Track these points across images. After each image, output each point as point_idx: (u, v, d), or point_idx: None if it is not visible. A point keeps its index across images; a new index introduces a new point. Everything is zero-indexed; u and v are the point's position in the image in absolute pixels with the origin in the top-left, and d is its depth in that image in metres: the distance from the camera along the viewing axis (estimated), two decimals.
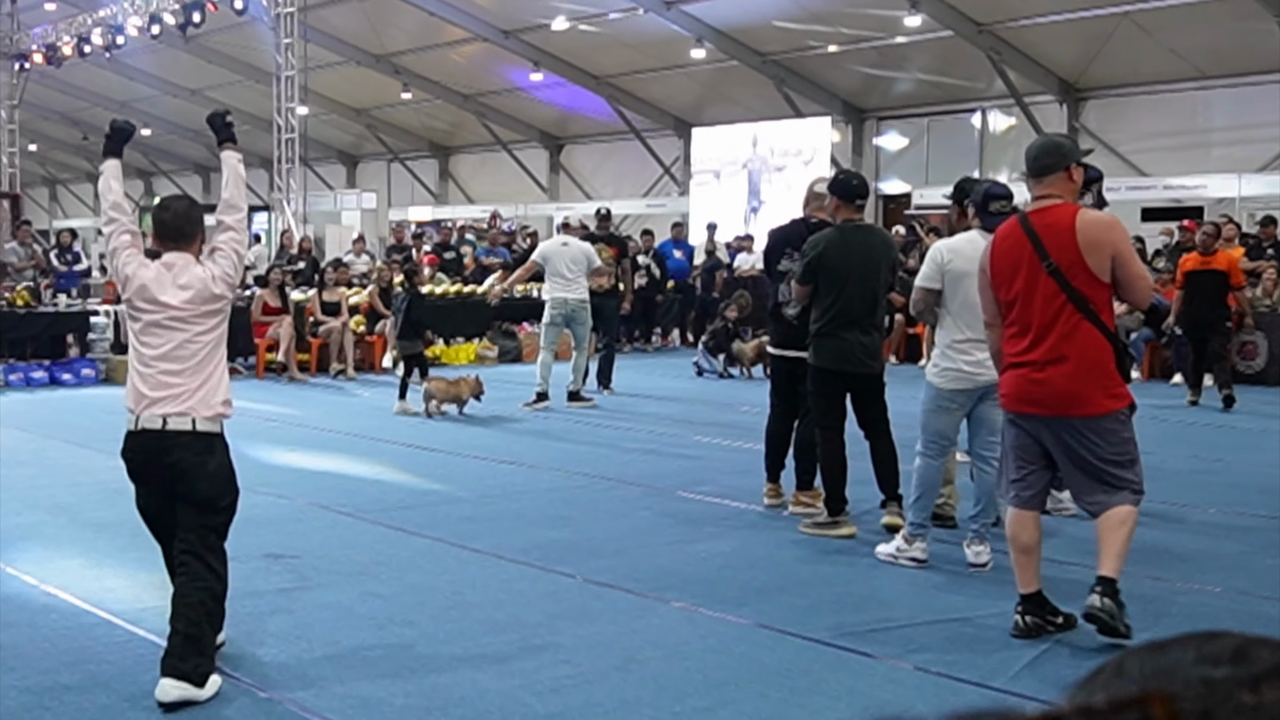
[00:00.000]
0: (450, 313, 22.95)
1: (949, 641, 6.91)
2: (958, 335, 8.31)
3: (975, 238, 8.23)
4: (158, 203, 6.81)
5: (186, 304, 6.22)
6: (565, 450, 13.07)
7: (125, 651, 6.59)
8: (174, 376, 6.19)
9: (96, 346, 19.38)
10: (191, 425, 6.18)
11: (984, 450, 8.45)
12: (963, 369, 8.29)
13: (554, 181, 40.36)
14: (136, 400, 6.21)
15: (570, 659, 6.55)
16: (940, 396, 8.41)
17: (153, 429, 6.16)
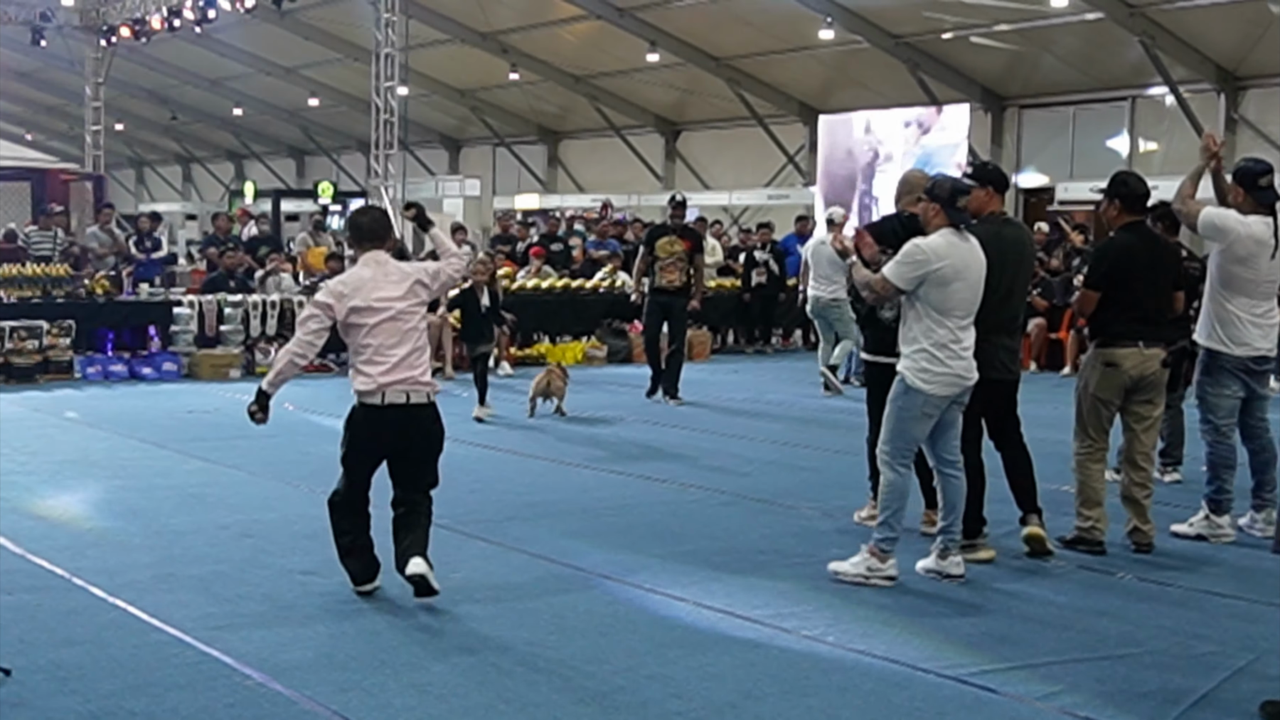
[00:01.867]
0: (556, 309, 22.86)
1: (1097, 682, 6.68)
2: (947, 339, 8.32)
3: (952, 238, 8.34)
4: (355, 209, 8.76)
5: (402, 298, 7.91)
6: (678, 460, 12.87)
7: (196, 674, 6.49)
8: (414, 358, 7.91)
9: (179, 339, 19.46)
10: (427, 398, 7.93)
11: (949, 455, 8.60)
12: (956, 374, 8.34)
13: (669, 169, 40.18)
14: (380, 381, 7.78)
15: (681, 693, 6.38)
16: (929, 403, 8.38)
17: (398, 403, 7.81)
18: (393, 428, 7.86)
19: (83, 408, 15.94)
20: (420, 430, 7.93)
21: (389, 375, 7.77)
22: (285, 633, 7.19)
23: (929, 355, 8.31)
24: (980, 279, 8.44)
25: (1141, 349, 9.25)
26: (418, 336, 7.93)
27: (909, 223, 9.19)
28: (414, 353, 7.87)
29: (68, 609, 7.56)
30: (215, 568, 8.57)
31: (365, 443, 7.95)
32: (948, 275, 8.25)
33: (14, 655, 6.59)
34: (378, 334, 7.81)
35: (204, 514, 10.12)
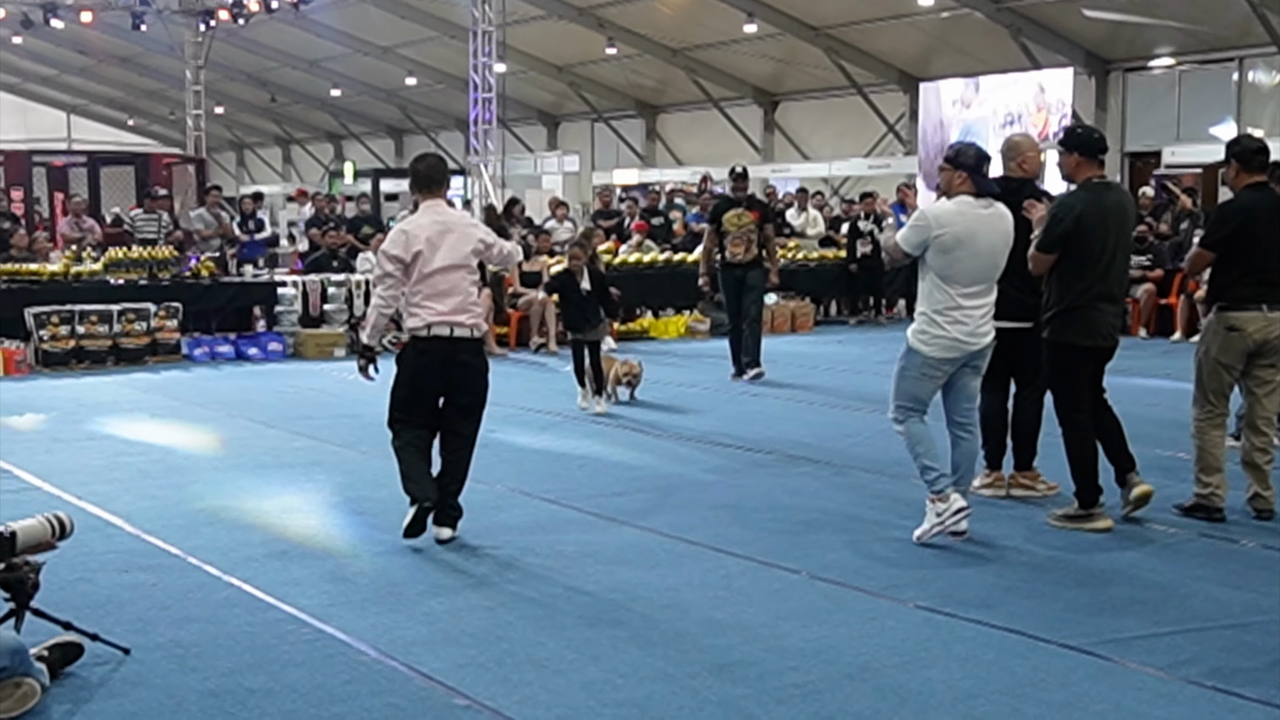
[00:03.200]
0: (659, 283, 22.81)
1: (1223, 651, 6.56)
2: (947, 304, 8.48)
3: (963, 207, 8.49)
4: (415, 157, 9.07)
5: (456, 249, 8.62)
6: (785, 432, 12.80)
7: (313, 651, 6.52)
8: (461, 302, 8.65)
9: (284, 319, 19.63)
10: (470, 334, 8.68)
11: (961, 418, 8.80)
12: (955, 337, 8.48)
13: (768, 141, 40.02)
14: (428, 319, 8.56)
15: (798, 665, 6.33)
16: (927, 364, 8.56)
17: (443, 335, 8.57)
18: (437, 358, 8.63)
19: (191, 389, 16.10)
20: (461, 361, 8.65)
21: (436, 315, 8.55)
22: (400, 609, 7.20)
23: (928, 318, 8.55)
24: (995, 248, 8.51)
25: (1265, 312, 9.11)
26: (469, 284, 8.67)
27: (1005, 186, 9.19)
28: (462, 298, 8.62)
29: (184, 587, 7.63)
30: (327, 545, 8.62)
31: (414, 374, 8.77)
32: (948, 243, 8.40)
33: (133, 634, 6.65)
34: (432, 280, 8.55)
35: (314, 492, 10.18)
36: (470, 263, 8.70)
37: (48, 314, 17.69)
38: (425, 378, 8.74)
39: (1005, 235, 8.59)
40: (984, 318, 8.55)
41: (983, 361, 8.68)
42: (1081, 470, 9.03)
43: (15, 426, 13.16)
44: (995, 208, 8.59)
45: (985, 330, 8.55)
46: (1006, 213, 8.67)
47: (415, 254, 8.54)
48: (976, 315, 8.50)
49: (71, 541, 6.52)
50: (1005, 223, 8.61)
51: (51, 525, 6.28)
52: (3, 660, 5.64)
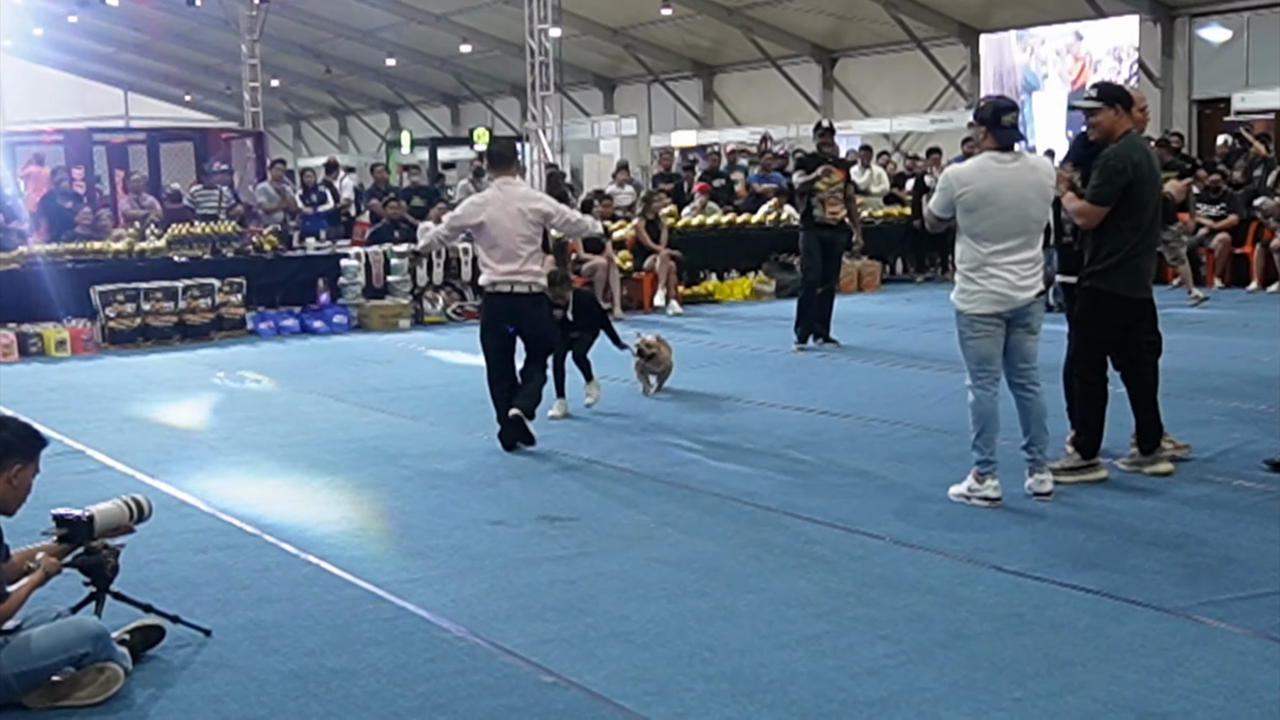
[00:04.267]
0: (722, 245, 22.67)
1: None
2: (980, 260, 8.42)
3: (986, 162, 8.42)
4: (490, 139, 10.41)
5: (518, 217, 10.36)
6: (859, 394, 12.70)
7: (393, 629, 6.46)
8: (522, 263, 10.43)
9: (348, 291, 19.58)
10: (529, 289, 10.47)
11: (1019, 378, 8.61)
12: (992, 290, 8.39)
13: (827, 99, 39.69)
14: (494, 277, 10.43)
15: (888, 634, 6.23)
16: (973, 323, 8.50)
17: (504, 291, 10.40)
18: (503, 308, 10.55)
19: (258, 363, 16.09)
20: (523, 310, 10.53)
21: (501, 274, 10.41)
22: (480, 584, 7.14)
23: (964, 276, 8.55)
24: (1024, 201, 8.35)
25: None
26: (531, 247, 10.41)
27: (1083, 138, 9.20)
28: (524, 259, 10.39)
29: (261, 566, 7.59)
30: (403, 521, 8.56)
31: (487, 321, 10.81)
32: (971, 200, 8.36)
33: (212, 615, 6.61)
34: (497, 243, 10.35)
35: (388, 466, 10.12)
36: (528, 230, 10.36)
37: (113, 292, 17.71)
38: (494, 322, 10.69)
39: (1037, 187, 8.40)
40: (1026, 273, 8.38)
41: (1033, 319, 8.50)
42: (1094, 420, 8.99)
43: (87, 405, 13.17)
44: (1023, 160, 8.47)
45: (1028, 285, 8.39)
46: (1040, 164, 8.57)
47: (479, 222, 10.43)
48: (1014, 270, 8.35)
49: (148, 522, 6.48)
50: (1037, 174, 8.45)
51: (129, 508, 6.24)
52: (85, 646, 5.60)
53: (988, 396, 8.51)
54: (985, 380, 8.52)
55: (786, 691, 5.57)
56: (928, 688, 5.58)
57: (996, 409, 8.53)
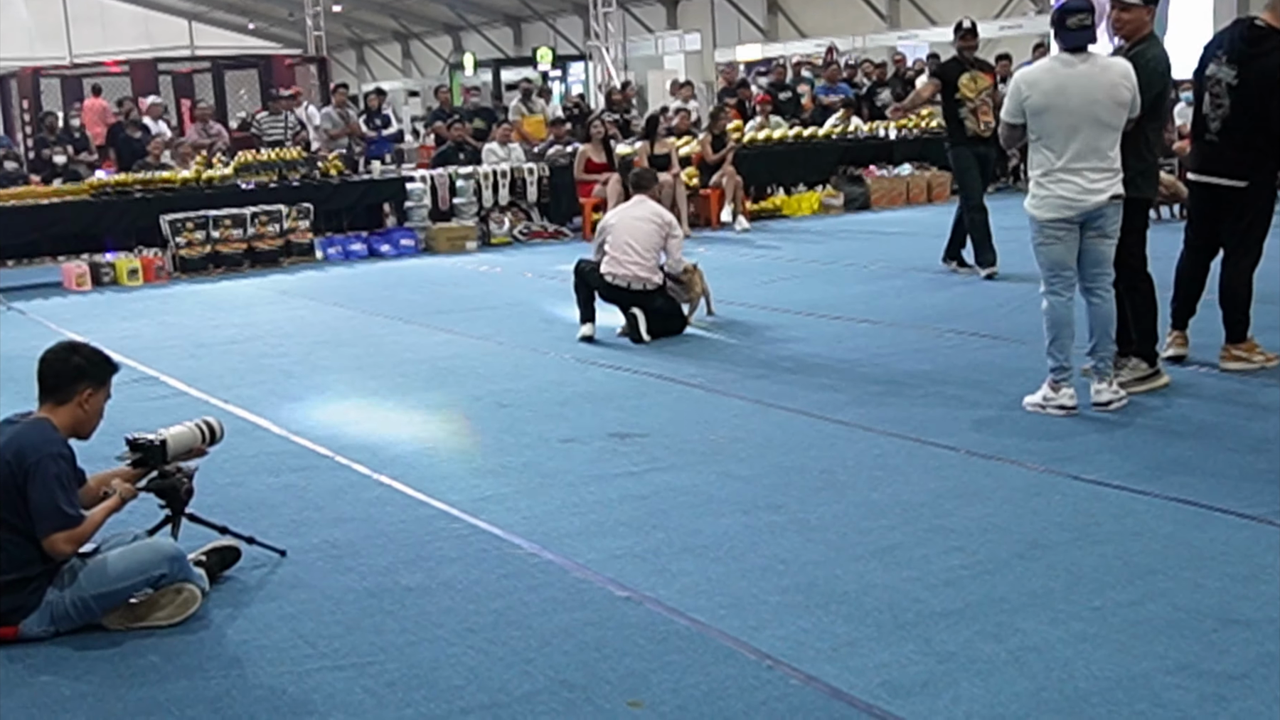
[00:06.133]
0: (789, 159, 22.46)
1: None
2: (1049, 165, 8.31)
3: (1053, 64, 8.37)
4: (634, 173, 13.09)
5: (639, 226, 11.84)
6: (931, 304, 12.60)
7: (466, 547, 6.47)
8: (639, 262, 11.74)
9: (414, 214, 19.55)
10: (644, 285, 11.73)
11: (1091, 283, 8.49)
12: (1061, 195, 8.28)
13: (894, 8, 39.29)
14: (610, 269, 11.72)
15: (964, 545, 6.17)
16: (1045, 228, 8.40)
17: (621, 287, 11.67)
18: (608, 296, 11.77)
19: (327, 288, 16.14)
20: (638, 299, 11.68)
21: (618, 268, 11.63)
22: (551, 501, 7.14)
23: (1036, 182, 8.44)
24: (1092, 101, 8.17)
25: None
26: (649, 251, 11.72)
27: (1248, 33, 9.03)
28: (641, 254, 11.66)
29: (335, 487, 7.62)
30: (474, 439, 8.57)
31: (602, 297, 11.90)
32: (1038, 103, 8.26)
33: (287, 536, 6.64)
34: (618, 245, 11.67)
35: (457, 386, 10.13)
36: (649, 237, 11.74)
37: (183, 220, 17.75)
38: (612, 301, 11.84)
39: (1107, 88, 8.19)
40: (1097, 177, 8.22)
41: (1106, 223, 8.33)
42: (1148, 326, 8.95)
43: (160, 333, 13.25)
44: (1092, 61, 8.25)
45: (1099, 189, 8.21)
46: (1112, 64, 8.33)
47: (606, 225, 12.03)
48: (1085, 175, 8.21)
49: (221, 445, 6.53)
50: (1108, 75, 8.22)
51: (201, 431, 6.26)
52: (162, 567, 5.63)
53: (1061, 302, 8.42)
54: (1059, 285, 8.42)
55: (861, 603, 5.54)
56: (1005, 598, 5.53)
57: (1071, 315, 8.44)
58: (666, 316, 11.79)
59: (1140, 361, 8.92)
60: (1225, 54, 9.04)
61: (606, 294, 11.73)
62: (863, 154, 22.93)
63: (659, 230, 11.79)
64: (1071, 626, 5.21)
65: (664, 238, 11.83)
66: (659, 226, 11.81)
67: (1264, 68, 8.81)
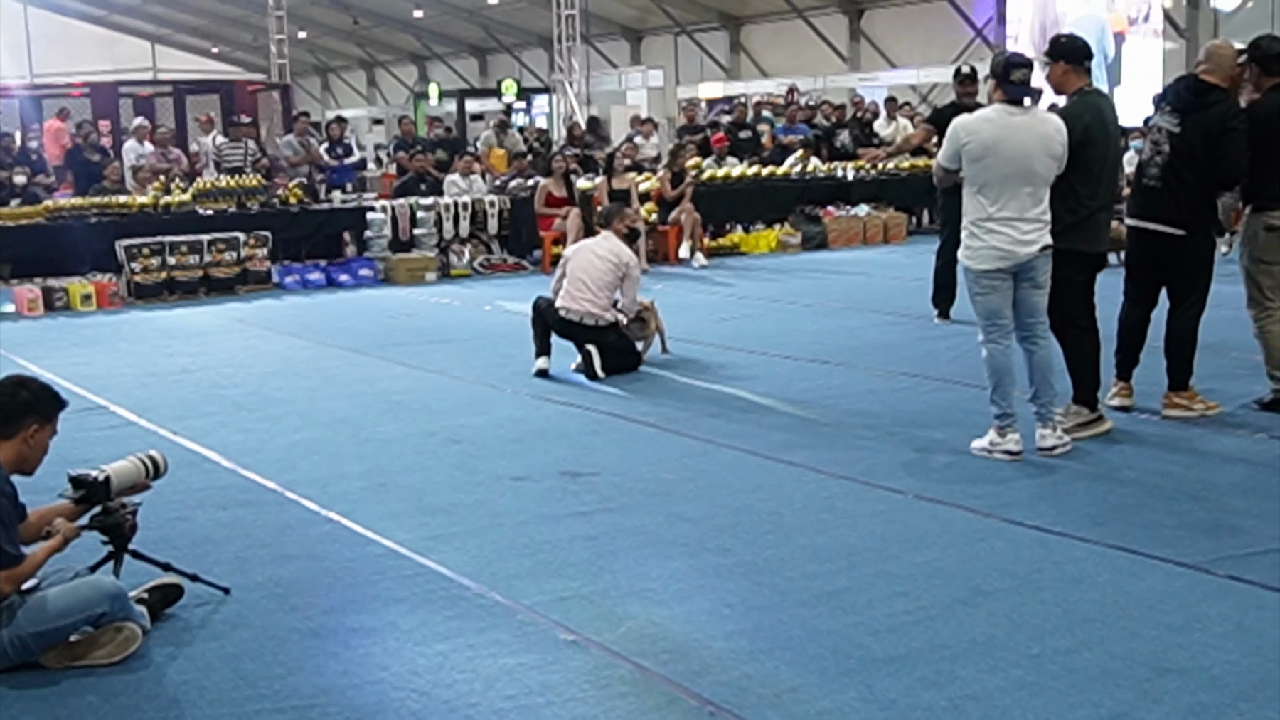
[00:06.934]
0: (748, 197, 22.52)
1: None
2: (982, 214, 8.36)
3: (993, 114, 8.42)
4: (603, 210, 13.16)
5: (598, 262, 11.82)
6: (884, 346, 12.64)
7: (414, 587, 6.45)
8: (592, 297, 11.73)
9: (374, 245, 19.52)
10: (596, 321, 11.65)
11: (1026, 331, 8.60)
12: (995, 246, 8.34)
13: (854, 50, 39.53)
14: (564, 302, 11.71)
15: (908, 591, 6.20)
16: (980, 278, 8.46)
17: (573, 320, 11.63)
18: (560, 330, 11.69)
19: (283, 317, 16.10)
20: (591, 335, 11.62)
21: (572, 303, 11.62)
22: (501, 541, 7.12)
23: (969, 231, 8.47)
24: (1027, 154, 8.30)
25: None
26: (602, 290, 11.73)
27: (1194, 85, 9.22)
28: (594, 292, 11.69)
29: (282, 523, 7.58)
30: (425, 476, 8.54)
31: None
32: (976, 151, 8.32)
33: (232, 573, 6.60)
34: (573, 280, 11.70)
35: (410, 421, 10.10)
36: (607, 274, 11.77)
37: (138, 246, 17.66)
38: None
39: (1044, 141, 8.34)
40: (1030, 228, 8.32)
41: (1037, 274, 8.43)
42: (1088, 374, 9.00)
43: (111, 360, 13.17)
44: (1032, 114, 8.47)
45: (1030, 240, 8.31)
46: (1049, 118, 8.52)
47: (567, 257, 12.19)
48: (1017, 225, 8.30)
49: (168, 478, 6.49)
50: (1045, 128, 8.39)
51: (145, 466, 6.23)
52: (102, 605, 5.59)
53: (1000, 350, 8.51)
54: (996, 334, 8.51)
55: (805, 649, 5.54)
56: (946, 644, 5.55)
57: (1010, 362, 8.53)
58: (620, 353, 11.76)
59: (1082, 407, 8.99)
60: (1170, 105, 9.26)
61: (560, 328, 11.70)
62: (821, 194, 23.01)
63: (615, 269, 11.81)
64: (1010, 674, 5.23)
65: (619, 277, 11.85)
66: (615, 266, 11.82)
67: (1206, 120, 9.01)
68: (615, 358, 11.67)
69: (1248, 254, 9.42)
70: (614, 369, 11.52)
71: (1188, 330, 9.37)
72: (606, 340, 11.69)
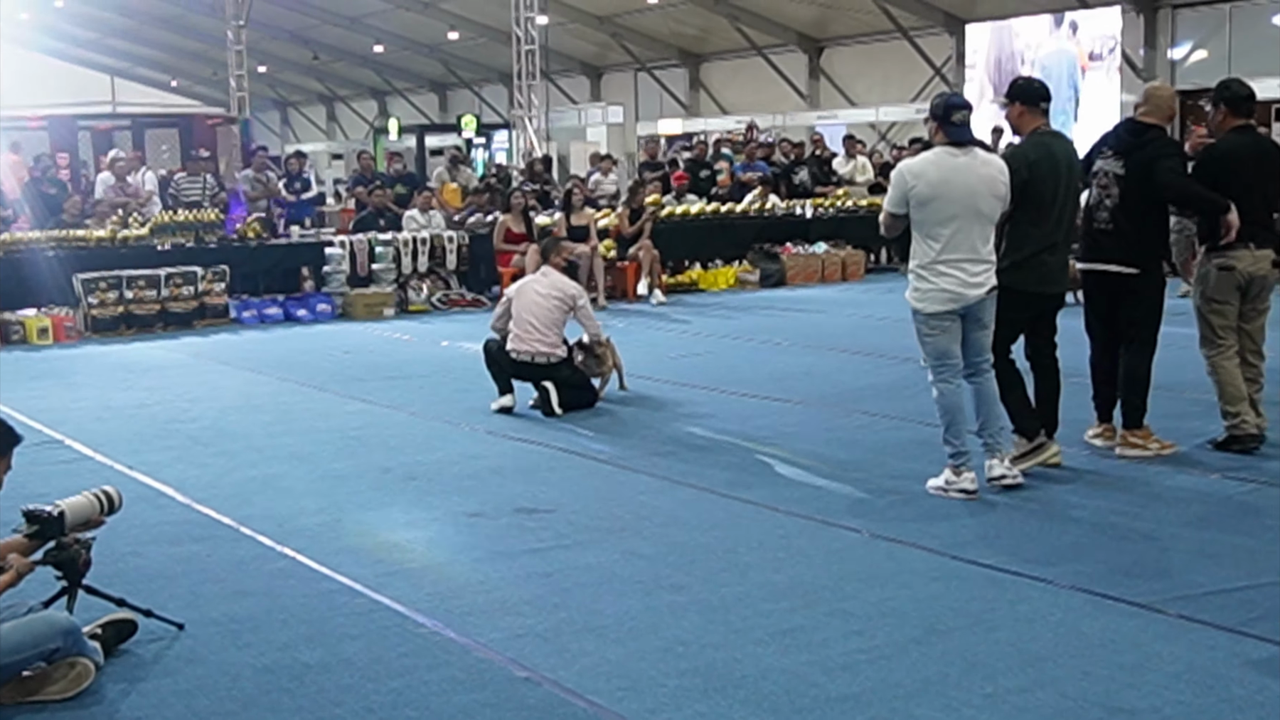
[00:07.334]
0: (707, 234, 22.60)
1: None
2: (930, 256, 8.44)
3: (938, 157, 8.48)
4: (545, 242, 13.25)
5: (542, 299, 11.82)
6: (841, 383, 12.68)
7: (369, 623, 6.44)
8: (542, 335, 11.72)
9: (332, 280, 19.51)
10: (548, 359, 11.65)
11: (972, 369, 8.70)
12: (944, 289, 8.43)
13: (814, 88, 39.66)
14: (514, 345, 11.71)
15: (863, 629, 6.22)
16: (927, 320, 8.56)
17: (526, 361, 11.64)
18: (515, 372, 11.74)
19: (241, 352, 16.05)
20: (544, 373, 11.67)
21: (521, 344, 11.62)
22: (456, 577, 7.13)
23: (916, 274, 8.55)
24: (973, 193, 8.40)
25: (1252, 250, 9.38)
26: (550, 327, 11.70)
27: (1132, 127, 9.41)
28: (542, 331, 11.66)
29: (237, 559, 7.56)
30: (381, 512, 8.54)
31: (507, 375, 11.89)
32: (924, 193, 8.40)
33: (186, 609, 6.58)
34: (520, 322, 11.69)
35: (367, 457, 10.10)
36: (554, 310, 11.77)
37: (95, 280, 17.61)
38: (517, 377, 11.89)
39: (988, 181, 8.44)
40: (978, 270, 8.43)
41: (984, 314, 8.55)
42: (1016, 404, 9.05)
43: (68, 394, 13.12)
44: (974, 155, 8.49)
45: (978, 282, 8.42)
46: (991, 159, 8.59)
47: (512, 296, 12.01)
48: (965, 268, 8.40)
49: (123, 513, 6.48)
50: (988, 169, 8.49)
51: (100, 501, 6.22)
52: (55, 641, 5.58)
53: (951, 389, 8.59)
54: (947, 374, 8.59)
55: (759, 687, 5.56)
56: (900, 683, 5.57)
57: (961, 401, 8.62)
58: (576, 388, 11.79)
59: (1019, 437, 9.09)
60: (1111, 149, 9.42)
61: (513, 370, 11.74)
62: (779, 231, 23.11)
63: (561, 305, 11.83)
64: (963, 714, 5.26)
65: (567, 311, 11.88)
66: (561, 301, 11.85)
67: (1146, 157, 9.19)
68: (571, 393, 11.68)
69: (1200, 293, 9.58)
70: (571, 405, 11.53)
71: (1141, 367, 9.46)
72: (560, 376, 11.70)
